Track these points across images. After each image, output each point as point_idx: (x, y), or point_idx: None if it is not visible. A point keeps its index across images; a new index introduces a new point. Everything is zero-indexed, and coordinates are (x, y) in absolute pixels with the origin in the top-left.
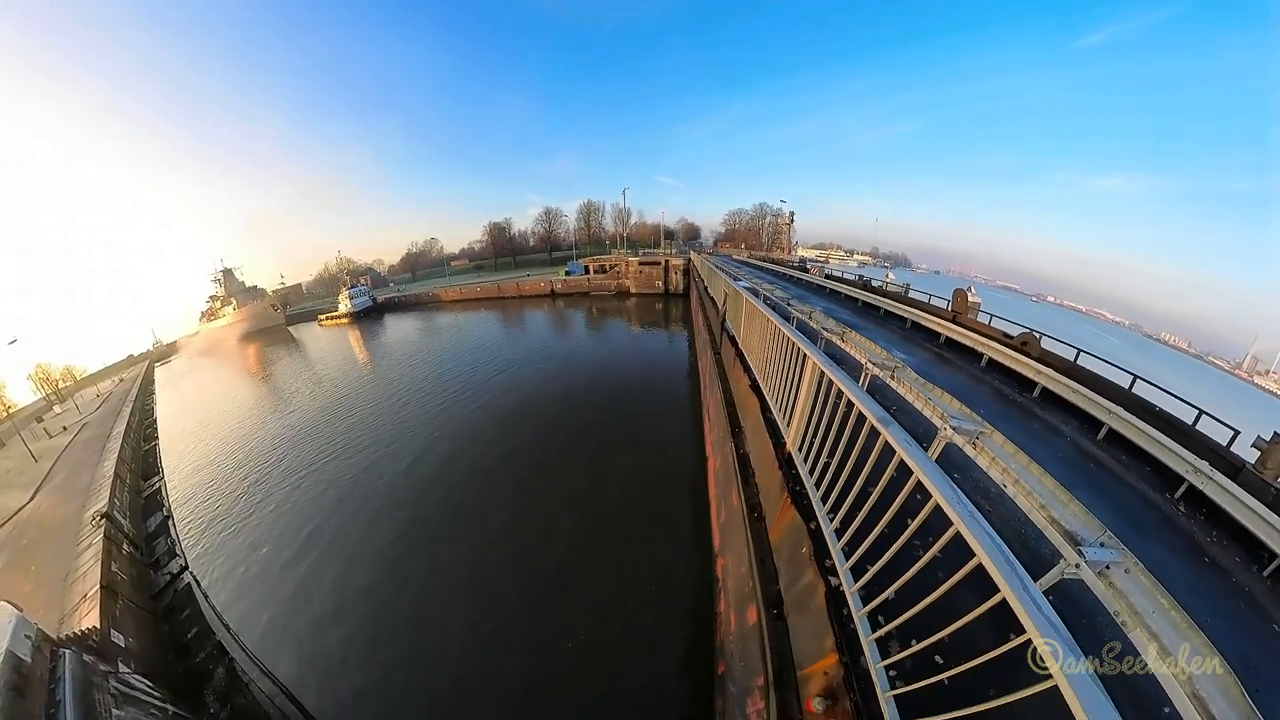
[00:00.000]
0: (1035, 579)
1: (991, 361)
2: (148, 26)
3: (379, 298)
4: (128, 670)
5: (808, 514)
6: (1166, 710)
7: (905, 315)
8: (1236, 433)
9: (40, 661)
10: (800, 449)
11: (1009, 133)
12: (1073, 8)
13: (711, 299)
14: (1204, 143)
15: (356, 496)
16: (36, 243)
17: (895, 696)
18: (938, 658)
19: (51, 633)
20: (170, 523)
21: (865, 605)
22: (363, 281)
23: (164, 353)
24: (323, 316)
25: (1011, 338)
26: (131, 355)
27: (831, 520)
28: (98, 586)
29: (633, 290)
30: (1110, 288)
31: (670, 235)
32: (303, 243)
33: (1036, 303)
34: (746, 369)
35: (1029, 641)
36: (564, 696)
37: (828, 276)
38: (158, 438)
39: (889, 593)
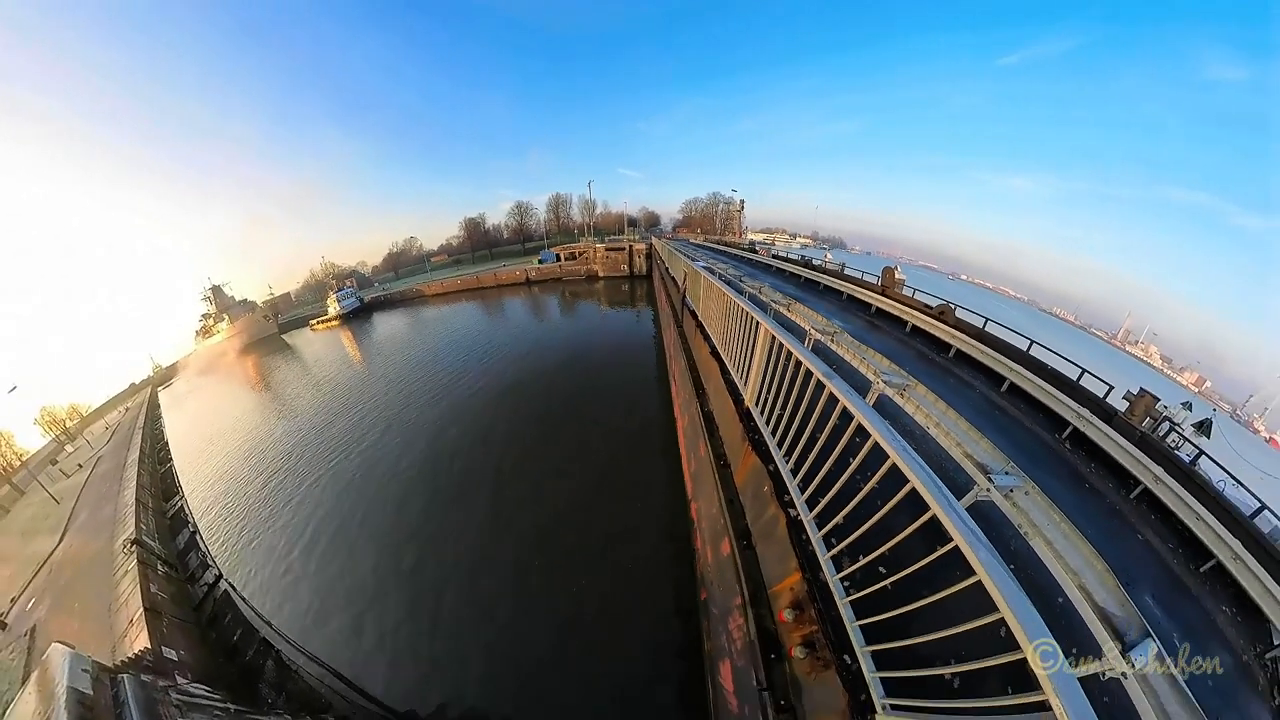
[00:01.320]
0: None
1: (915, 328)
2: (104, 46)
3: (366, 298)
4: (185, 680)
5: (766, 458)
6: (1060, 600)
7: (842, 289)
8: (1110, 387)
9: (102, 691)
10: (757, 404)
11: (935, 134)
12: (998, 28)
13: (673, 278)
14: (1095, 153)
15: (368, 487)
16: (32, 245)
17: (850, 601)
18: (881, 568)
19: (107, 662)
20: (198, 537)
21: (820, 530)
22: (349, 284)
23: (165, 376)
24: (314, 321)
25: (931, 308)
26: (133, 383)
27: (787, 462)
28: (141, 609)
29: (601, 274)
30: (1012, 269)
31: (633, 223)
32: (286, 252)
33: (952, 280)
34: (706, 338)
35: (956, 549)
36: (577, 630)
37: (774, 256)
38: (172, 459)
39: (839, 518)
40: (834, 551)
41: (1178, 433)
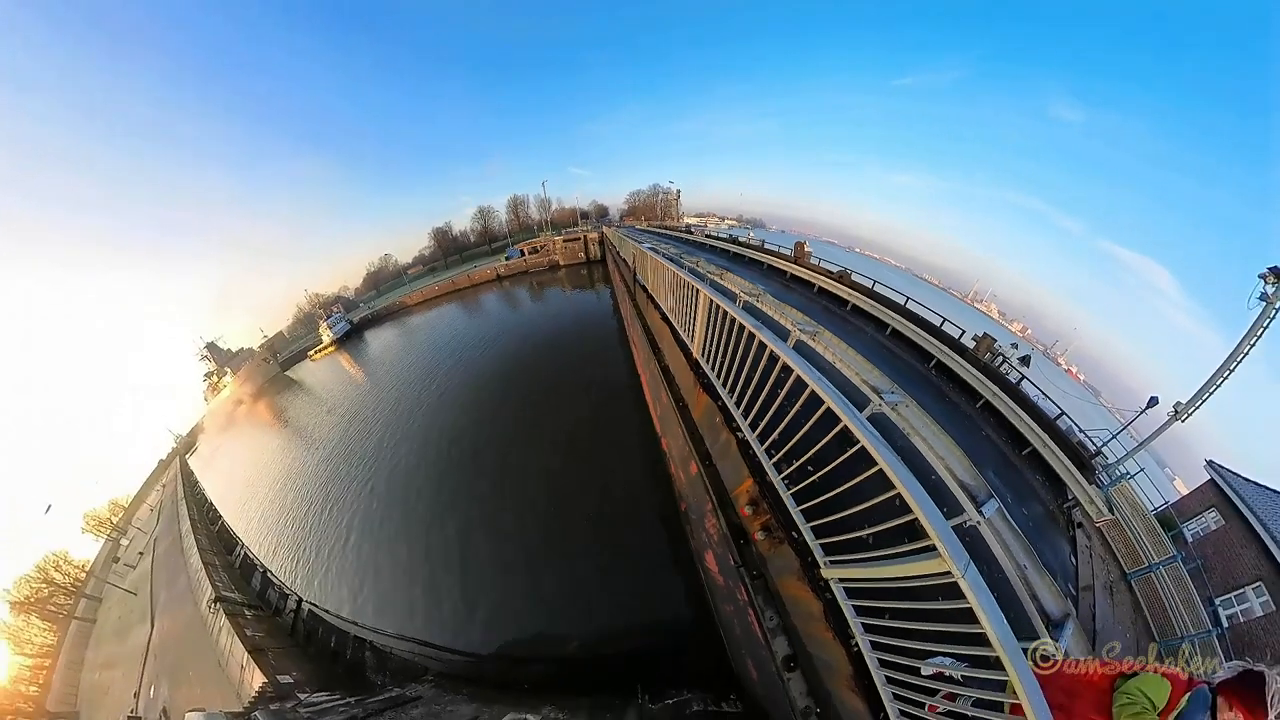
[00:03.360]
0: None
1: (821, 288)
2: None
3: (355, 319)
4: (307, 694)
5: (715, 396)
6: (934, 477)
7: (763, 260)
8: (963, 331)
9: None
10: (703, 355)
11: (839, 135)
12: (895, 53)
13: (624, 260)
14: (964, 160)
15: (399, 486)
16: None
17: (792, 494)
18: (810, 467)
19: (237, 708)
20: (269, 575)
21: (763, 444)
22: (336, 309)
23: (188, 443)
24: (312, 352)
25: (833, 273)
26: (161, 460)
27: (732, 397)
28: (245, 653)
29: (562, 263)
30: (895, 244)
31: (585, 215)
32: (271, 293)
33: (849, 252)
34: (656, 306)
35: (862, 448)
36: (591, 548)
37: (707, 236)
38: (222, 516)
39: (775, 435)
40: (775, 459)
41: (1008, 364)
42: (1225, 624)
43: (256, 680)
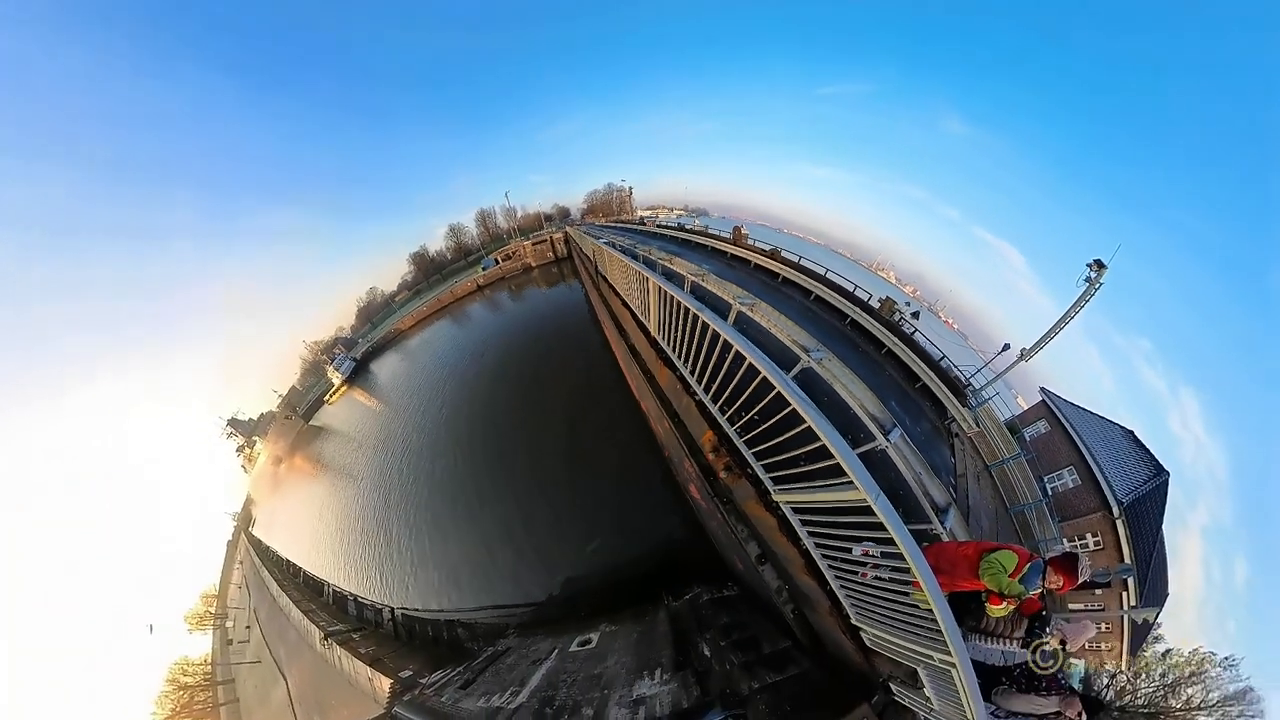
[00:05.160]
0: (787, 370)
1: (756, 265)
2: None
3: (357, 356)
4: (426, 679)
5: (673, 368)
6: (851, 413)
7: (706, 243)
8: (870, 295)
9: None
10: (660, 333)
11: (773, 134)
12: (819, 65)
13: (587, 255)
14: (876, 159)
15: (439, 488)
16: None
17: (745, 440)
18: (756, 417)
19: (381, 711)
20: (358, 599)
21: (715, 404)
22: (338, 351)
23: (245, 518)
24: (327, 396)
25: (766, 251)
26: (228, 541)
27: (687, 366)
28: (367, 668)
29: (534, 264)
30: (815, 223)
31: (549, 218)
32: (273, 353)
33: (779, 232)
34: (617, 294)
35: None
36: (607, 486)
37: (659, 226)
38: (301, 568)
39: (726, 394)
40: (728, 415)
41: (903, 318)
42: (1050, 494)
43: (384, 684)
